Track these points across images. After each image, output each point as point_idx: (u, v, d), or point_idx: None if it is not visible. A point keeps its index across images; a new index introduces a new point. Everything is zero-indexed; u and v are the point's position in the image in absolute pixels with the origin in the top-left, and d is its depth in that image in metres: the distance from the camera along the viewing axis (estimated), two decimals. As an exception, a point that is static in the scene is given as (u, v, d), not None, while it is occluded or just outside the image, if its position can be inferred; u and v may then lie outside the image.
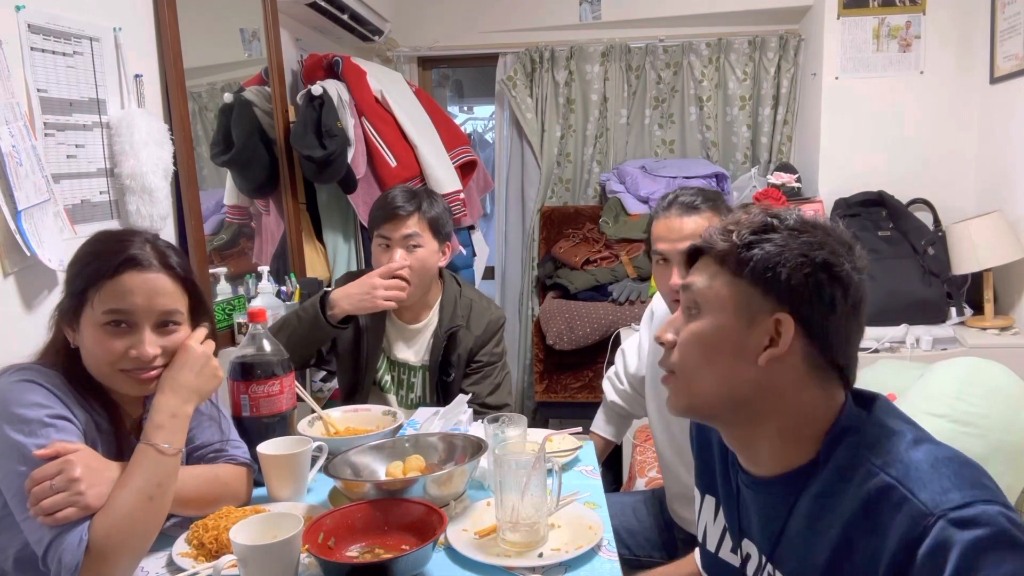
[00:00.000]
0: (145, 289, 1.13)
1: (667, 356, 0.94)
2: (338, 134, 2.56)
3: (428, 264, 1.85)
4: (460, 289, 1.96)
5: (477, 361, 1.92)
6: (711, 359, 0.88)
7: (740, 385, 0.87)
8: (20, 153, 1.40)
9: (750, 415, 0.89)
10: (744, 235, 0.87)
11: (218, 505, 1.22)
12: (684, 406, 0.93)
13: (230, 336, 2.18)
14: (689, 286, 0.91)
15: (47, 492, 1.01)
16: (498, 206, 3.96)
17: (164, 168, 1.78)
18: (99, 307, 1.11)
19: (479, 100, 5.36)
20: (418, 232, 1.83)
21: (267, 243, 2.66)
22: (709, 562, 1.07)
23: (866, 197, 3.05)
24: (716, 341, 0.88)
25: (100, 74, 1.71)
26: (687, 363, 0.90)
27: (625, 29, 3.65)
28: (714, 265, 0.90)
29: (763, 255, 0.85)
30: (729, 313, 0.87)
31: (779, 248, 0.85)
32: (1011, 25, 2.76)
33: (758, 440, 0.91)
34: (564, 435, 1.54)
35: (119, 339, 1.12)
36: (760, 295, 0.86)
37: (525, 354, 3.76)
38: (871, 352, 2.56)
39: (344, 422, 1.61)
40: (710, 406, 0.91)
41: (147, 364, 1.14)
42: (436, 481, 1.22)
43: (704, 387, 0.89)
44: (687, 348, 0.90)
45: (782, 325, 0.85)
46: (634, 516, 1.82)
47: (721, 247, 0.88)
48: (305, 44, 3.04)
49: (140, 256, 1.14)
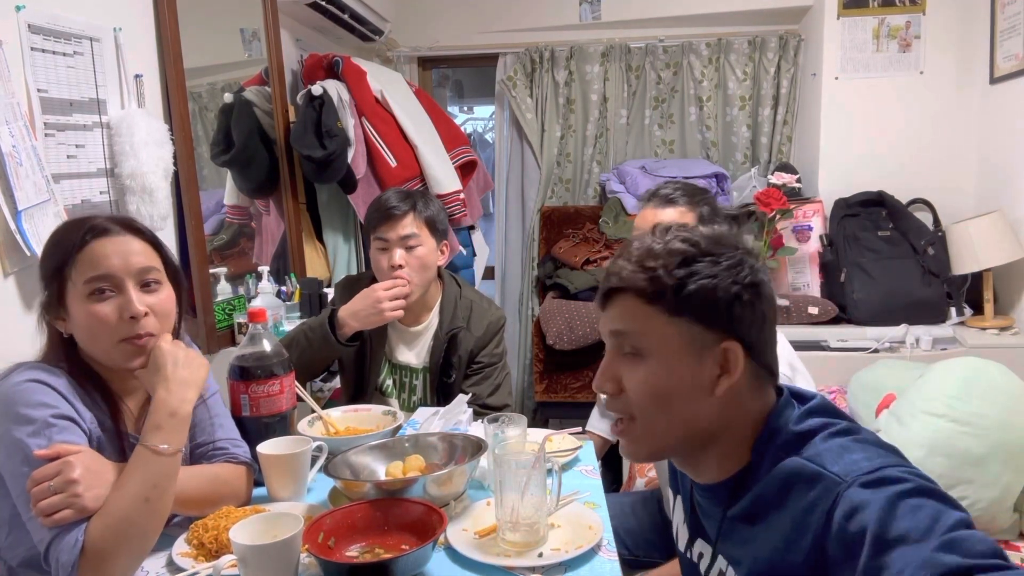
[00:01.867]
0: (117, 251, 1.14)
1: (616, 403, 0.90)
2: (338, 134, 2.56)
3: (428, 262, 1.85)
4: (460, 290, 1.96)
5: (478, 362, 1.92)
6: (669, 403, 0.87)
7: (700, 420, 0.87)
8: (20, 153, 1.40)
9: (704, 441, 0.89)
10: (672, 271, 0.85)
11: (219, 505, 1.22)
12: (646, 454, 0.92)
13: (230, 336, 2.18)
14: (622, 332, 0.88)
15: (46, 493, 1.01)
16: (498, 206, 3.96)
17: (164, 168, 1.79)
18: (79, 280, 1.12)
19: (479, 100, 5.37)
20: (415, 231, 1.83)
21: (267, 243, 2.66)
22: (682, 560, 1.08)
23: (866, 197, 3.06)
24: (672, 385, 0.86)
25: (100, 74, 1.71)
26: (645, 411, 0.88)
27: (625, 29, 3.65)
28: (643, 306, 0.86)
29: (699, 290, 0.84)
30: (677, 354, 0.86)
31: (711, 280, 0.84)
32: (1011, 25, 2.76)
33: (707, 458, 0.91)
34: (564, 435, 1.54)
35: (107, 304, 1.13)
36: (703, 330, 0.85)
37: (525, 354, 3.76)
38: (871, 352, 2.56)
39: (344, 422, 1.61)
40: (671, 448, 0.91)
41: (139, 326, 1.14)
42: (436, 481, 1.22)
43: (666, 431, 0.88)
44: (641, 397, 0.87)
45: (731, 353, 0.85)
46: (633, 516, 1.82)
47: (650, 287, 0.86)
48: (305, 44, 3.04)
49: (102, 224, 1.16)
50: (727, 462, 0.90)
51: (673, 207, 1.54)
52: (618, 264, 0.90)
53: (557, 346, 2.99)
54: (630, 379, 0.88)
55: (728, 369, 0.85)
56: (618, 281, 0.88)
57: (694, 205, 1.55)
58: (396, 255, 1.81)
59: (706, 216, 1.55)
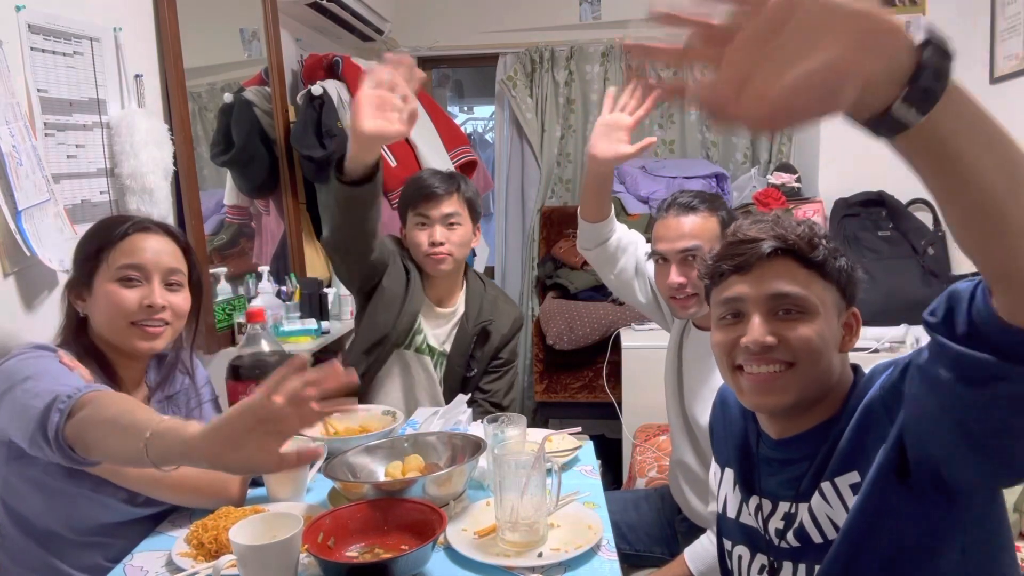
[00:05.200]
0: (153, 247, 1.28)
1: (776, 352, 0.99)
2: (338, 134, 2.56)
3: (466, 242, 1.87)
4: (484, 285, 1.97)
5: (499, 358, 1.93)
6: (823, 354, 0.98)
7: (833, 371, 1.00)
8: (20, 153, 1.40)
9: (824, 392, 1.01)
10: (828, 244, 1.00)
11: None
12: (793, 399, 0.99)
13: (230, 336, 2.18)
14: (787, 294, 0.99)
15: None
16: (498, 206, 3.96)
17: (164, 168, 1.79)
18: (114, 264, 1.25)
19: (479, 100, 5.36)
20: (457, 211, 1.84)
21: (267, 243, 2.66)
22: (730, 528, 1.14)
23: (866, 197, 3.05)
24: (827, 338, 0.99)
25: (100, 74, 1.71)
26: (808, 358, 0.98)
27: (625, 29, 3.65)
28: (802, 269, 0.99)
29: (844, 264, 1.01)
30: (829, 313, 1.00)
31: (846, 259, 1.02)
32: (1011, 25, 2.76)
33: (812, 409, 1.01)
34: (564, 435, 1.54)
35: (133, 291, 1.25)
36: (840, 297, 1.01)
37: (525, 354, 3.76)
38: (871, 352, 2.56)
39: (344, 422, 1.61)
40: (811, 394, 1.00)
41: (156, 315, 1.26)
42: (435, 481, 1.22)
43: (814, 378, 0.99)
44: (808, 346, 0.98)
45: (855, 317, 1.04)
46: (635, 511, 1.82)
47: (816, 253, 0.99)
48: (305, 44, 3.04)
49: (145, 222, 1.31)
50: (820, 412, 1.02)
51: (695, 214, 1.54)
52: (780, 233, 1.00)
53: (557, 346, 2.99)
54: (797, 332, 0.98)
55: (853, 331, 1.03)
56: (782, 244, 0.99)
57: (714, 210, 1.56)
58: (437, 232, 1.82)
59: (727, 220, 1.55)
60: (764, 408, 1.03)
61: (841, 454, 0.96)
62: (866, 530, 0.92)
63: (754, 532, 1.08)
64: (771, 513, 1.05)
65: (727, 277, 1.03)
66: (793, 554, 1.02)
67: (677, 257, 1.54)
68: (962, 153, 0.59)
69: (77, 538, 1.21)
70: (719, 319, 1.05)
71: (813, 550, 0.99)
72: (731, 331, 1.02)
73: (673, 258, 1.54)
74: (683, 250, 1.53)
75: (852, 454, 0.95)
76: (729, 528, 1.15)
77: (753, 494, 1.08)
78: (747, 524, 1.10)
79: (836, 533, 0.96)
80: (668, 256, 1.55)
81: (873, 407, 0.93)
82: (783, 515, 1.04)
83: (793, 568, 1.02)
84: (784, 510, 1.03)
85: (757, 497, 1.08)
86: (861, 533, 0.92)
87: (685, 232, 1.52)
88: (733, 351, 1.02)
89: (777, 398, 1.00)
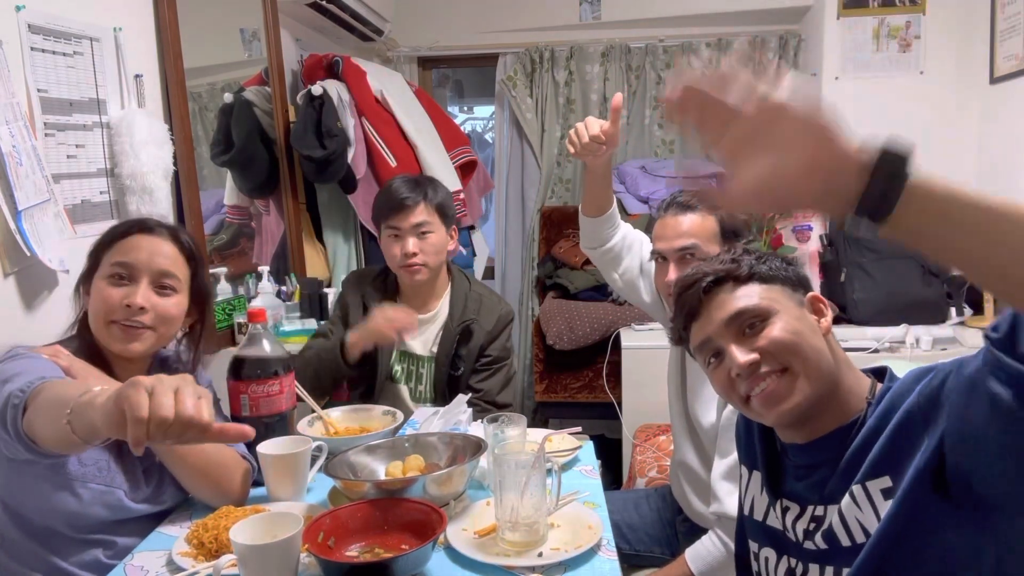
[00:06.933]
0: (148, 248, 1.26)
1: (766, 362, 1.01)
2: (338, 134, 2.57)
3: (440, 247, 1.88)
4: (469, 284, 1.97)
5: (487, 356, 1.93)
6: (803, 343, 1.00)
7: (823, 355, 1.01)
8: (20, 153, 1.40)
9: (832, 388, 1.01)
10: (752, 256, 1.07)
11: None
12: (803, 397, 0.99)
13: (230, 336, 2.18)
14: (743, 310, 1.03)
15: None
16: (498, 206, 3.96)
17: (164, 168, 1.79)
18: (107, 262, 1.25)
19: (479, 100, 5.36)
20: (427, 220, 1.84)
21: (267, 243, 2.67)
22: (756, 530, 1.15)
23: (866, 197, 3.05)
24: (799, 328, 1.02)
25: (100, 74, 1.71)
26: (792, 356, 1.00)
27: (625, 29, 3.65)
28: (740, 287, 1.05)
29: (778, 263, 1.08)
30: (788, 306, 1.04)
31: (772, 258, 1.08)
32: (1011, 25, 2.76)
33: (827, 409, 1.02)
34: (564, 435, 1.54)
35: (118, 289, 1.24)
36: (789, 288, 1.06)
37: (525, 354, 3.76)
38: (871, 352, 2.56)
39: (344, 422, 1.61)
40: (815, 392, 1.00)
41: (135, 316, 1.23)
42: (436, 481, 1.22)
43: (815, 366, 1.00)
44: (784, 344, 1.00)
45: (815, 298, 1.07)
46: (635, 511, 1.82)
47: (740, 271, 1.05)
48: (305, 44, 3.04)
49: (149, 222, 1.30)
50: (837, 409, 1.02)
51: (694, 212, 1.54)
52: (703, 270, 1.08)
53: (557, 346, 2.99)
54: (767, 336, 1.01)
55: (823, 312, 1.07)
56: (712, 276, 1.06)
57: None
58: (410, 243, 1.83)
59: (725, 219, 1.55)
60: (785, 417, 1.03)
61: (874, 458, 0.96)
62: (897, 538, 0.92)
63: (780, 535, 1.09)
64: (798, 516, 1.05)
65: (688, 330, 1.09)
66: (820, 557, 1.02)
67: (675, 256, 1.54)
68: (940, 238, 0.65)
69: (77, 536, 1.21)
70: (706, 366, 1.09)
71: (841, 554, 0.98)
72: (721, 371, 1.05)
73: (672, 257, 1.54)
74: (681, 248, 1.53)
75: (886, 459, 0.95)
76: (755, 530, 1.15)
77: (780, 497, 1.09)
78: (773, 527, 1.10)
79: (865, 538, 0.95)
80: (667, 255, 1.55)
81: (912, 413, 0.93)
82: (811, 517, 1.04)
83: (820, 571, 1.02)
84: (812, 512, 1.04)
85: (784, 500, 1.08)
86: (892, 541, 0.92)
87: (683, 231, 1.52)
88: (733, 387, 1.04)
89: (789, 402, 1.00)
